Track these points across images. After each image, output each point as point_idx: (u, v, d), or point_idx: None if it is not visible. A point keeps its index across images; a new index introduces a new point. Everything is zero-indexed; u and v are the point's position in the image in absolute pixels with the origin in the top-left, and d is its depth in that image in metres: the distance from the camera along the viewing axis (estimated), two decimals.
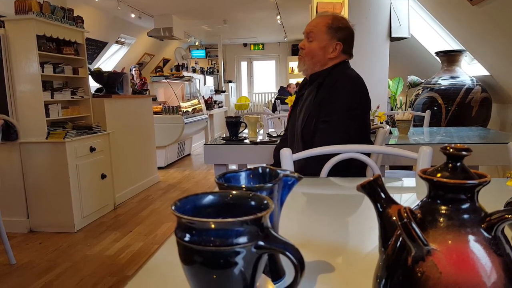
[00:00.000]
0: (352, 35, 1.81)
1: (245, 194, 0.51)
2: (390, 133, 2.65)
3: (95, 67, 6.63)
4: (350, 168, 1.58)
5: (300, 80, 2.28)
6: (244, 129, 2.61)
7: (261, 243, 0.43)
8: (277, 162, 1.95)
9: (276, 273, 0.61)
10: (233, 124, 2.54)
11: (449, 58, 3.68)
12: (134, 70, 6.47)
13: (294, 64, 12.10)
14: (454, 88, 3.50)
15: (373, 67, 3.81)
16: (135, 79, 6.29)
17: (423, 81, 3.91)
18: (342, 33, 1.76)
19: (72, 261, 2.79)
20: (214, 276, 0.44)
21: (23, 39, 3.18)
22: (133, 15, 7.10)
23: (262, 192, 0.55)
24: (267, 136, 2.61)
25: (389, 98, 4.39)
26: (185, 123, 5.89)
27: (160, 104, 6.44)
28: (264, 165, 0.68)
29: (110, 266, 2.71)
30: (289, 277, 0.61)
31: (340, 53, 1.76)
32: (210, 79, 10.52)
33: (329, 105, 1.65)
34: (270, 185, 0.57)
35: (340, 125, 1.61)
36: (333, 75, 1.71)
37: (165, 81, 6.60)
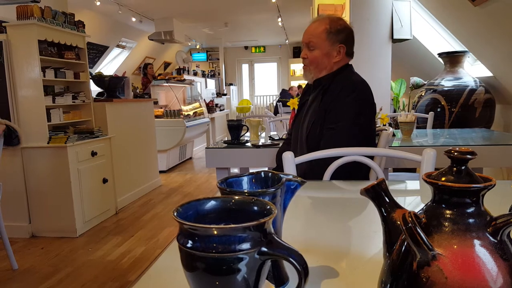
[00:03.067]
0: (352, 34, 1.78)
1: (247, 199, 0.51)
2: (393, 135, 2.64)
3: (96, 71, 6.66)
4: (353, 171, 1.57)
5: (301, 82, 2.26)
6: (246, 132, 2.61)
7: (264, 249, 0.43)
8: (279, 166, 1.94)
9: (279, 279, 0.60)
10: (235, 127, 2.53)
11: (452, 59, 3.67)
12: (149, 67, 6.96)
13: (295, 66, 12.10)
14: (457, 89, 3.49)
15: (375, 69, 3.80)
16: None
17: (426, 82, 3.90)
18: (343, 34, 1.73)
19: (74, 266, 2.78)
20: (217, 283, 0.44)
21: (24, 44, 3.20)
22: (134, 19, 7.12)
23: (265, 197, 0.55)
24: (269, 139, 2.60)
25: (392, 100, 4.38)
26: (187, 127, 5.89)
27: (161, 108, 6.44)
28: (267, 169, 0.67)
29: (112, 271, 2.70)
30: (292, 283, 0.61)
31: (344, 55, 1.75)
32: (211, 82, 10.53)
33: (335, 112, 1.64)
34: (272, 190, 0.57)
35: (345, 132, 1.60)
36: (339, 81, 1.70)
37: (166, 84, 6.60)
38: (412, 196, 1.30)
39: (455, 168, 0.46)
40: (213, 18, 8.13)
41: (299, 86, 9.37)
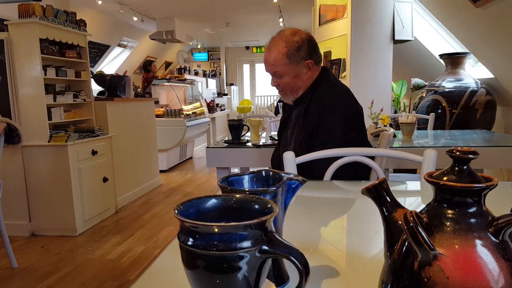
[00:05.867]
0: (312, 41, 1.67)
1: (248, 197, 0.51)
2: (394, 136, 2.64)
3: (97, 70, 6.66)
4: (354, 172, 1.57)
5: None
6: (246, 132, 2.61)
7: (265, 247, 0.43)
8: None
9: (280, 278, 0.60)
10: (236, 127, 2.53)
11: (453, 60, 3.67)
12: (153, 65, 7.04)
13: None
14: (458, 90, 3.49)
15: (376, 70, 3.80)
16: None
17: (427, 83, 3.90)
18: (304, 49, 1.62)
19: (74, 265, 2.78)
20: (218, 281, 0.44)
21: (26, 42, 3.19)
22: (135, 18, 7.12)
23: (266, 196, 0.55)
24: (270, 139, 2.60)
25: (393, 100, 4.38)
26: (187, 126, 5.89)
27: (162, 107, 6.44)
28: (267, 168, 0.67)
29: (111, 270, 2.70)
30: (293, 282, 0.61)
31: (313, 67, 1.67)
32: (212, 82, 10.52)
33: (323, 133, 1.59)
34: (273, 188, 0.56)
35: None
36: (318, 98, 1.63)
37: (167, 84, 6.61)
38: (413, 196, 1.29)
39: (457, 168, 0.46)
40: (214, 18, 8.12)
41: None
